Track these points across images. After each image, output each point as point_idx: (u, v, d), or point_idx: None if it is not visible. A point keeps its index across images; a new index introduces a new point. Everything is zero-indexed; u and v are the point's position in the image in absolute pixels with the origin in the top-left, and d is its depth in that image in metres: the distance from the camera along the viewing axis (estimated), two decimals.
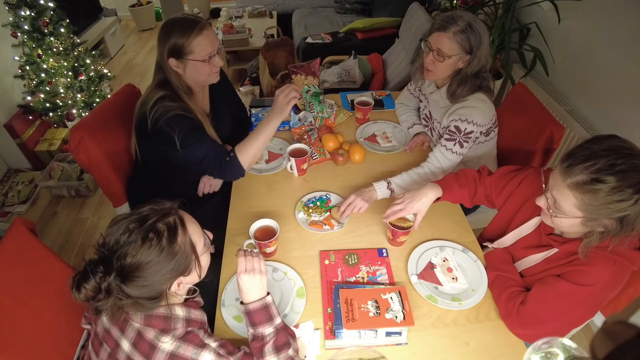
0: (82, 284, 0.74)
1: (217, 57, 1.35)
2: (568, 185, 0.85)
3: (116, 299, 0.77)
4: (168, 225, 0.80)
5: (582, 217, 0.87)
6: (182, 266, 0.82)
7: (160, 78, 1.35)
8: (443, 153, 1.43)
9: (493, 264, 1.17)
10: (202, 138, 1.34)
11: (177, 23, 1.28)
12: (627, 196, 0.79)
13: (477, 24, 1.32)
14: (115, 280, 0.75)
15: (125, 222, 0.78)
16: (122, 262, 0.76)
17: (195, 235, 0.85)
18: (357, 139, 1.69)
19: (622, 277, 0.93)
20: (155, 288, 0.80)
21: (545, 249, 1.04)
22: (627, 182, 0.79)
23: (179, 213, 0.84)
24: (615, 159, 0.80)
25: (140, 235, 0.76)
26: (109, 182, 1.56)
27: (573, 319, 0.97)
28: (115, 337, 0.83)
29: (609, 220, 0.85)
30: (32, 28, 2.40)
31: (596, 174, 0.80)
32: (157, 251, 0.77)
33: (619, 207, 0.81)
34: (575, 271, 0.95)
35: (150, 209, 0.81)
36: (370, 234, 1.30)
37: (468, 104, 1.40)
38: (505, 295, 1.06)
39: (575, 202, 0.85)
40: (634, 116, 1.76)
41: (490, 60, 1.40)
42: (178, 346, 0.80)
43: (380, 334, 0.99)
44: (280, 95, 1.31)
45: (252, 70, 3.37)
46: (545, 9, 2.30)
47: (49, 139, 2.82)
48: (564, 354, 0.57)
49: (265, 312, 0.91)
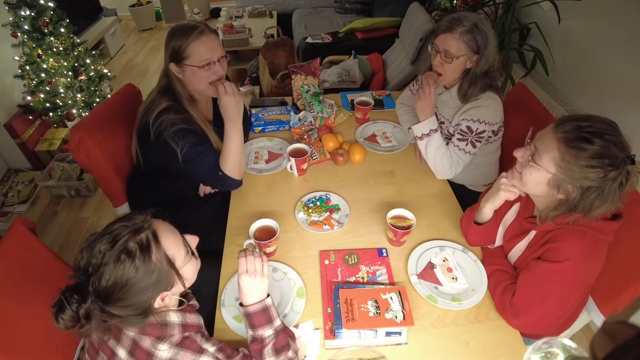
0: (59, 315, 0.72)
1: (217, 65, 1.32)
2: (558, 138, 0.89)
3: (100, 321, 0.74)
4: (140, 243, 0.75)
5: (553, 174, 0.90)
6: (162, 282, 0.78)
7: (164, 83, 1.35)
8: (456, 153, 1.45)
9: (487, 258, 1.20)
10: (204, 153, 1.34)
11: (179, 27, 1.29)
12: (602, 166, 0.84)
13: (483, 23, 1.33)
14: (96, 304, 0.73)
15: (97, 244, 0.75)
16: (98, 286, 0.73)
17: (173, 248, 0.80)
18: (357, 139, 1.69)
19: (595, 249, 0.95)
20: (139, 306, 0.77)
21: (526, 235, 1.08)
22: (608, 152, 0.84)
23: (152, 227, 0.79)
24: (608, 129, 0.86)
25: (112, 257, 0.73)
26: (109, 182, 1.55)
27: (559, 299, 0.99)
28: (110, 345, 0.82)
29: (572, 188, 0.89)
30: (32, 28, 2.40)
31: (589, 134, 0.85)
32: (133, 271, 0.74)
33: (590, 174, 0.85)
34: (549, 249, 0.98)
35: (121, 226, 0.77)
36: (370, 234, 1.30)
37: (480, 103, 1.41)
38: (499, 288, 1.08)
39: (556, 155, 0.88)
40: (634, 116, 1.76)
41: (498, 58, 1.40)
42: (176, 353, 0.79)
43: (380, 334, 0.99)
44: (224, 97, 1.28)
45: (252, 70, 3.37)
46: (545, 9, 2.30)
47: (49, 139, 2.82)
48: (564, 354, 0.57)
49: (265, 315, 0.90)
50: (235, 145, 1.33)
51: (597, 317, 1.18)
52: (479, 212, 1.18)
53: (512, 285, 1.07)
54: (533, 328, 1.05)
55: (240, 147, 1.35)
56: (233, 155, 1.34)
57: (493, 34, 1.35)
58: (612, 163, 0.84)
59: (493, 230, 1.19)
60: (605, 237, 0.94)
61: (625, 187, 0.87)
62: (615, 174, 0.84)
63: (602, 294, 1.15)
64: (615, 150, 0.84)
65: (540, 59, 2.29)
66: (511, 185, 1.05)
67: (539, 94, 2.28)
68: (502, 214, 1.19)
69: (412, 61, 2.46)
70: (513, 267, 1.15)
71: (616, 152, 0.84)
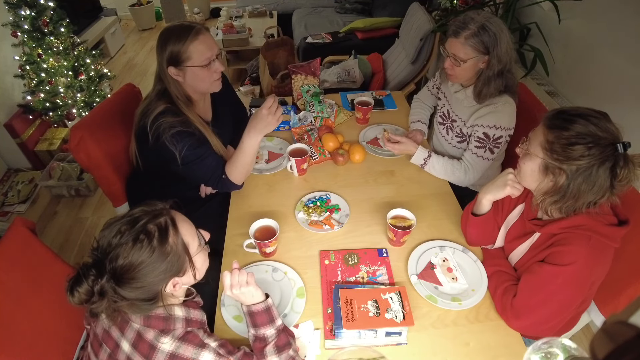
0: (75, 288, 0.74)
1: (217, 62, 1.32)
2: (544, 124, 0.95)
3: (111, 301, 0.77)
4: (159, 226, 0.79)
5: (542, 158, 0.94)
6: (175, 267, 0.82)
7: (160, 88, 1.34)
8: (474, 160, 1.46)
9: (487, 259, 1.20)
10: (203, 155, 1.33)
11: (172, 31, 1.27)
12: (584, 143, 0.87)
13: (492, 23, 1.30)
14: (109, 283, 0.75)
15: (117, 225, 0.78)
16: (115, 264, 0.76)
17: (188, 235, 0.85)
18: (360, 143, 1.67)
19: (601, 254, 0.95)
20: (150, 289, 0.80)
21: (529, 236, 1.08)
22: (589, 131, 0.87)
23: (170, 214, 0.84)
24: (592, 114, 0.90)
25: (131, 236, 0.76)
26: (109, 182, 1.56)
27: (561, 303, 0.98)
28: (115, 338, 0.84)
29: (559, 171, 0.92)
30: (32, 27, 2.40)
31: (570, 117, 0.91)
32: (149, 252, 0.77)
33: (572, 153, 0.88)
34: (554, 252, 0.98)
35: (141, 210, 0.81)
36: (370, 234, 1.30)
37: (496, 108, 1.40)
38: (500, 290, 1.08)
39: (542, 139, 0.94)
40: (634, 116, 1.76)
41: (514, 56, 1.36)
42: (178, 346, 0.81)
43: (380, 334, 0.99)
44: (264, 110, 1.26)
45: (252, 70, 3.37)
46: (546, 9, 2.30)
47: (49, 139, 2.82)
48: (564, 354, 0.57)
49: (268, 314, 0.93)
50: (247, 156, 1.32)
51: (597, 317, 1.18)
52: (477, 204, 1.18)
53: (513, 287, 1.06)
54: (533, 330, 1.04)
55: (250, 160, 1.33)
56: (242, 165, 1.33)
57: (506, 31, 1.32)
58: (594, 141, 0.86)
59: (492, 226, 1.19)
60: (612, 243, 0.94)
61: (620, 176, 0.87)
62: (598, 153, 0.86)
63: (602, 294, 1.15)
64: (596, 130, 0.87)
65: (540, 59, 2.29)
66: (517, 182, 1.07)
67: (539, 94, 2.28)
68: (505, 215, 1.19)
69: (413, 61, 2.46)
70: (514, 269, 1.15)
71: (598, 132, 0.86)
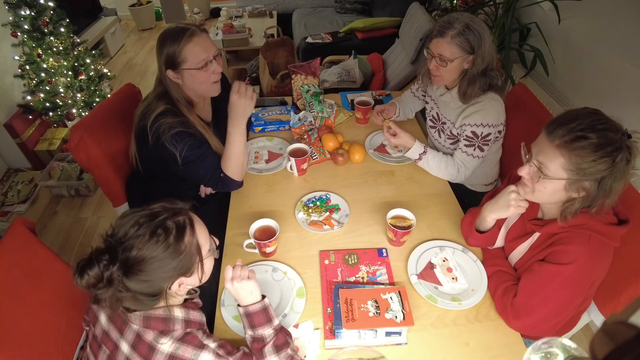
0: (86, 270, 0.74)
1: (215, 63, 1.31)
2: (557, 146, 0.90)
3: (116, 290, 0.77)
4: (177, 223, 0.80)
5: (567, 178, 0.91)
6: (185, 266, 0.82)
7: (160, 91, 1.35)
8: (464, 159, 1.46)
9: (487, 259, 1.20)
10: (203, 155, 1.34)
11: (168, 33, 1.27)
12: (608, 153, 0.86)
13: (475, 23, 1.32)
14: (118, 272, 0.76)
15: (136, 216, 0.79)
16: (127, 254, 0.76)
17: (202, 238, 0.86)
18: (367, 151, 1.63)
19: (600, 253, 0.95)
20: (156, 285, 0.80)
21: (529, 236, 1.08)
22: (607, 139, 0.86)
23: (189, 214, 0.85)
24: (596, 119, 0.89)
25: (149, 229, 0.77)
26: (109, 182, 1.56)
27: (561, 302, 0.98)
28: (114, 339, 0.84)
29: (589, 183, 0.89)
30: (32, 27, 2.39)
31: (581, 132, 0.87)
32: (163, 248, 0.77)
33: (600, 166, 0.86)
34: (554, 252, 0.98)
35: (162, 206, 0.83)
36: (370, 234, 1.30)
37: (482, 106, 1.40)
38: (500, 289, 1.08)
39: (563, 161, 0.89)
40: (635, 116, 1.76)
41: (496, 56, 1.39)
42: (177, 347, 0.81)
43: (380, 334, 0.99)
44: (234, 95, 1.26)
45: (252, 70, 3.38)
46: (545, 9, 2.30)
47: (48, 139, 2.82)
48: (564, 354, 0.57)
49: (265, 314, 0.93)
50: (236, 147, 1.32)
51: (597, 318, 1.18)
52: (481, 220, 1.16)
53: (513, 287, 1.06)
54: (533, 330, 1.04)
55: (241, 149, 1.34)
56: (235, 156, 1.33)
57: (488, 32, 1.34)
58: (615, 147, 0.86)
59: (494, 235, 1.19)
60: (612, 243, 0.94)
61: (632, 162, 0.89)
62: (621, 155, 0.86)
63: (602, 294, 1.15)
64: (611, 135, 0.86)
65: (540, 59, 2.29)
66: (521, 200, 1.05)
67: (539, 94, 2.28)
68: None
69: (412, 61, 2.46)
70: (514, 269, 1.15)
71: (613, 136, 0.86)
